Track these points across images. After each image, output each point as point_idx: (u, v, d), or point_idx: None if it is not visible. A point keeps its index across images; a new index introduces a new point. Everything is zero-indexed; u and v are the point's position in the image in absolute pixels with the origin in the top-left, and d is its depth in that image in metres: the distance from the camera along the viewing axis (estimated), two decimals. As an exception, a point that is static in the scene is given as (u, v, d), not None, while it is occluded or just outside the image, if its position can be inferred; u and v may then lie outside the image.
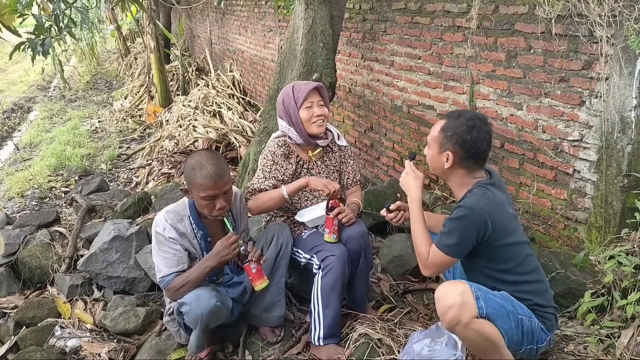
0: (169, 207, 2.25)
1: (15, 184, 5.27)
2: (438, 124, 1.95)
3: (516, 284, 1.87)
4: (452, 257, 1.85)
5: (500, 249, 1.84)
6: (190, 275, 2.13)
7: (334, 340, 2.27)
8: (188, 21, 11.67)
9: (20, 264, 3.04)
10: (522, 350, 1.85)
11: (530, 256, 1.91)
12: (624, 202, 2.34)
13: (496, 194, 1.86)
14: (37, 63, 5.66)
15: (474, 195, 1.84)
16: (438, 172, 1.98)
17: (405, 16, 3.68)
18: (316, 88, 2.42)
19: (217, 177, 2.07)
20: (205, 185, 2.06)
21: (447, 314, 1.72)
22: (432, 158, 1.96)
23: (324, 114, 2.41)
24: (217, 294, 2.17)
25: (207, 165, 2.07)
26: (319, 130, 2.40)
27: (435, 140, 1.93)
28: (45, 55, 4.32)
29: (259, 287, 2.15)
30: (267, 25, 6.56)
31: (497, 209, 1.82)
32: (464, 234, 1.80)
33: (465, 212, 1.79)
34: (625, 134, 2.28)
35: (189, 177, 2.11)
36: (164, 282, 2.16)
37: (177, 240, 2.16)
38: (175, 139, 5.95)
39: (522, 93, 2.78)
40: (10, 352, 2.46)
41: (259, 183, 2.43)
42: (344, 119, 4.89)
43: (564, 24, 2.46)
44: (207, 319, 2.09)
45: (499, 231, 1.81)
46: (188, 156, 2.21)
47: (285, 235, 2.35)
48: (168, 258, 2.15)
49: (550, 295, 1.94)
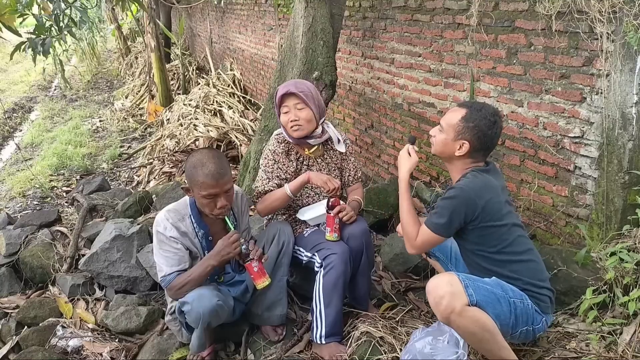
0: (170, 206, 2.25)
1: (17, 184, 5.28)
2: (458, 112, 1.97)
3: (509, 263, 1.91)
4: (440, 235, 1.92)
5: (490, 229, 1.89)
6: (191, 275, 2.12)
7: (336, 339, 2.27)
8: (188, 20, 11.66)
9: (22, 264, 3.05)
10: (519, 332, 1.87)
11: (522, 237, 1.96)
12: (625, 198, 2.33)
13: (489, 179, 1.92)
14: (38, 63, 5.67)
15: (466, 178, 1.92)
16: (445, 155, 2.02)
17: (405, 14, 3.67)
18: (290, 93, 2.34)
19: (218, 175, 2.06)
20: (206, 183, 2.06)
21: (440, 303, 1.76)
22: (445, 142, 1.98)
23: (300, 117, 2.33)
24: (218, 293, 2.17)
25: (209, 164, 2.07)
26: (296, 134, 2.36)
27: (453, 126, 1.95)
28: (45, 54, 4.32)
29: (260, 285, 2.15)
30: (267, 24, 6.55)
31: (488, 190, 1.88)
32: (454, 213, 1.87)
33: (456, 192, 1.87)
34: (626, 130, 2.27)
35: (190, 176, 2.11)
36: (166, 281, 2.16)
37: (178, 239, 2.16)
38: (176, 138, 5.94)
39: (523, 90, 2.77)
40: (12, 352, 2.46)
41: (262, 185, 2.42)
42: (345, 117, 4.88)
43: (564, 20, 2.45)
44: (208, 318, 2.09)
45: (489, 212, 1.87)
46: (189, 155, 2.21)
47: (286, 234, 2.35)
48: (169, 257, 2.15)
49: (546, 277, 1.97)
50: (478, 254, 1.96)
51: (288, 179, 2.43)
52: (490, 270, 1.92)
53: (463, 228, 1.92)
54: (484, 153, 1.98)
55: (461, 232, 1.95)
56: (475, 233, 1.91)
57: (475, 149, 1.94)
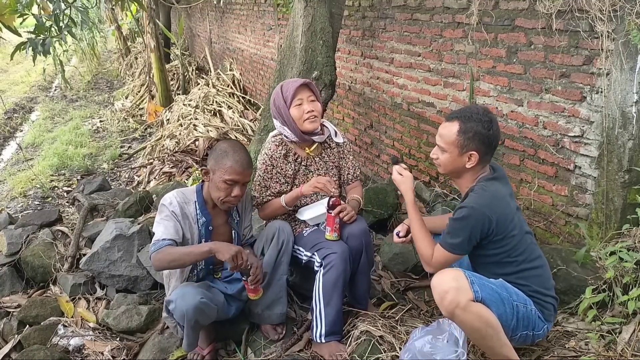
0: (178, 189, 2.31)
1: (18, 184, 5.29)
2: (451, 126, 1.93)
3: (520, 270, 1.91)
4: (457, 254, 1.91)
5: (503, 240, 1.88)
6: (184, 250, 2.10)
7: (336, 338, 2.27)
8: (188, 20, 11.67)
9: (23, 263, 3.06)
10: (518, 336, 1.87)
11: (533, 245, 1.96)
12: (625, 197, 2.33)
13: (498, 188, 1.90)
14: (38, 63, 5.69)
15: (475, 193, 1.89)
16: (456, 171, 1.98)
17: (404, 13, 3.67)
18: (305, 84, 2.39)
19: (246, 164, 2.20)
20: (233, 168, 2.16)
21: (445, 298, 1.75)
22: (452, 161, 1.94)
23: (315, 109, 2.37)
24: (203, 291, 2.17)
25: (240, 152, 2.21)
26: (312, 126, 2.37)
27: (453, 143, 1.92)
28: (46, 54, 4.32)
29: (253, 298, 2.24)
30: (267, 24, 6.56)
31: (498, 202, 1.86)
32: (468, 232, 1.85)
33: (468, 212, 1.84)
34: (626, 129, 2.27)
35: (218, 159, 2.19)
36: (157, 245, 2.10)
37: (178, 217, 2.20)
38: (176, 138, 5.96)
39: (523, 89, 2.77)
40: (14, 351, 2.47)
41: (260, 196, 2.46)
42: (344, 117, 4.88)
43: (564, 19, 2.45)
44: (192, 315, 2.10)
45: (502, 224, 1.86)
46: (217, 142, 2.32)
47: (286, 233, 2.35)
48: (169, 226, 2.16)
49: (552, 285, 1.97)
50: (490, 260, 1.95)
51: (287, 182, 2.45)
52: (500, 274, 1.92)
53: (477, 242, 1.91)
54: (491, 155, 1.97)
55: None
56: (489, 245, 1.90)
57: (484, 153, 1.92)
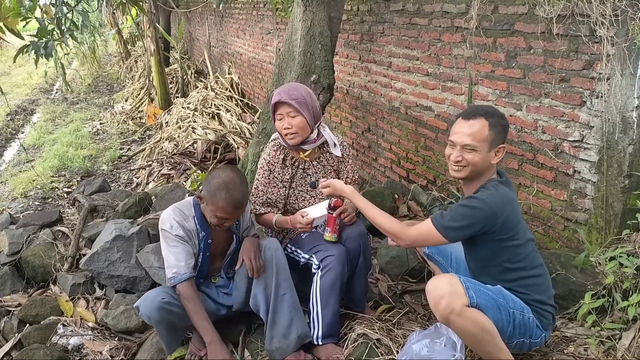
0: (175, 205, 2.29)
1: (19, 185, 5.32)
2: (479, 125, 1.88)
3: (520, 278, 1.89)
4: (444, 237, 1.86)
5: (506, 242, 1.87)
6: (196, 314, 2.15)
7: (333, 340, 2.27)
8: (187, 24, 11.68)
9: (24, 263, 3.07)
10: (514, 343, 1.86)
11: (535, 252, 1.95)
12: (624, 203, 2.33)
13: (506, 191, 1.90)
14: (40, 66, 5.71)
15: (487, 190, 1.87)
16: (480, 170, 1.93)
17: (403, 17, 3.68)
18: (282, 102, 2.32)
19: (239, 205, 2.14)
20: (224, 209, 2.11)
21: (440, 303, 1.74)
22: (482, 158, 1.90)
23: (294, 125, 2.31)
24: (164, 291, 2.19)
25: (235, 192, 2.10)
26: (291, 142, 2.35)
27: (485, 140, 1.88)
28: (48, 57, 4.35)
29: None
30: (265, 28, 6.57)
31: (508, 204, 1.86)
32: (469, 223, 1.82)
33: (479, 204, 1.82)
34: (626, 134, 2.27)
35: (211, 193, 2.12)
36: (176, 280, 2.15)
37: (184, 237, 2.20)
38: (175, 140, 5.98)
39: (522, 93, 2.77)
40: (14, 350, 2.49)
41: (255, 209, 2.45)
42: (342, 120, 4.89)
43: (564, 23, 2.46)
44: (159, 317, 2.13)
45: (508, 227, 1.85)
46: (216, 169, 2.23)
47: (276, 257, 2.25)
48: (178, 252, 2.17)
49: (551, 294, 1.95)
50: (490, 265, 1.93)
51: (285, 186, 2.45)
52: (500, 281, 1.90)
53: (478, 237, 1.88)
54: None
55: (476, 241, 1.90)
56: (491, 245, 1.88)
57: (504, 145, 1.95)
